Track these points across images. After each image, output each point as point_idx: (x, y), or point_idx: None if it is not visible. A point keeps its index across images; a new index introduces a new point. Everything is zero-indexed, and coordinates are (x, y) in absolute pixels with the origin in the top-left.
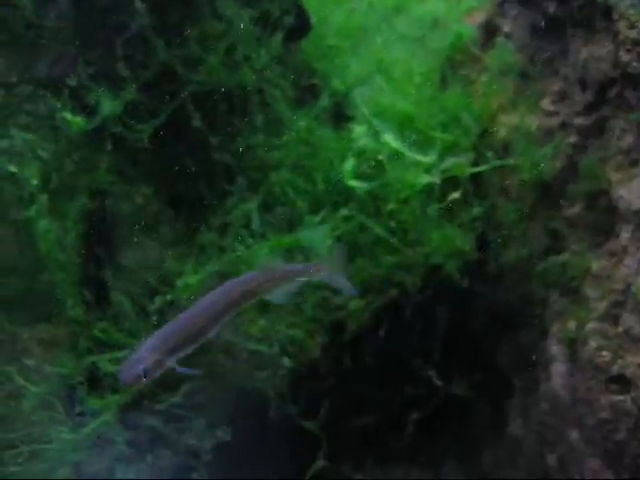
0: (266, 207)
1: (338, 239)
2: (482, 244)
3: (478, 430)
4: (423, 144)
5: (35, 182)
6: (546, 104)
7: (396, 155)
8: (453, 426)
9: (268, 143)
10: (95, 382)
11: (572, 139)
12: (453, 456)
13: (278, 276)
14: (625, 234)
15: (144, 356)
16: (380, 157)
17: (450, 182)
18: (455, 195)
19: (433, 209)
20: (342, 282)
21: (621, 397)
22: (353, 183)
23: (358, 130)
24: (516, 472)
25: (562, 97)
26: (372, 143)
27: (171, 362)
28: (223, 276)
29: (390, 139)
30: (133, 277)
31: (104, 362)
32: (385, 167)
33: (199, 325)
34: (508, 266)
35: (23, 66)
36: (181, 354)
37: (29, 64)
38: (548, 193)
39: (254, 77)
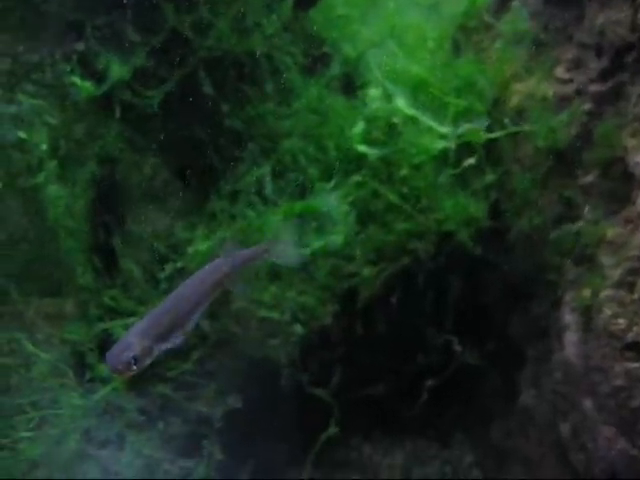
0: (277, 174)
1: (351, 205)
2: (495, 212)
3: (489, 400)
4: (437, 109)
5: (44, 148)
6: (560, 72)
7: (410, 120)
8: (463, 397)
9: (279, 111)
10: (105, 349)
11: (587, 106)
12: (463, 427)
13: (245, 259)
14: None
15: (133, 342)
16: (393, 121)
17: (464, 149)
18: (470, 161)
19: (446, 176)
20: (291, 259)
21: (636, 364)
22: (362, 148)
23: (372, 93)
24: (527, 442)
25: (577, 64)
26: (385, 107)
27: (161, 349)
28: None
29: (403, 104)
30: (143, 244)
31: (116, 328)
32: (398, 132)
33: (188, 310)
34: (522, 234)
35: (31, 34)
36: (170, 341)
37: (37, 31)
38: (562, 161)
39: (264, 44)
